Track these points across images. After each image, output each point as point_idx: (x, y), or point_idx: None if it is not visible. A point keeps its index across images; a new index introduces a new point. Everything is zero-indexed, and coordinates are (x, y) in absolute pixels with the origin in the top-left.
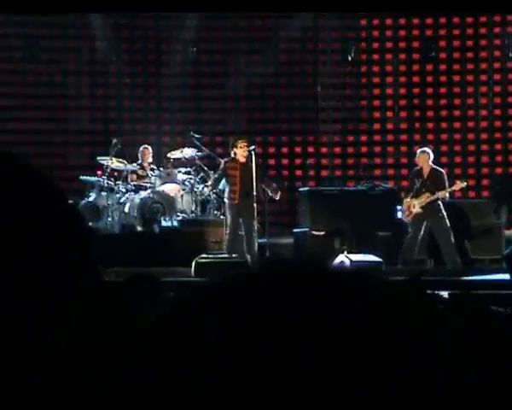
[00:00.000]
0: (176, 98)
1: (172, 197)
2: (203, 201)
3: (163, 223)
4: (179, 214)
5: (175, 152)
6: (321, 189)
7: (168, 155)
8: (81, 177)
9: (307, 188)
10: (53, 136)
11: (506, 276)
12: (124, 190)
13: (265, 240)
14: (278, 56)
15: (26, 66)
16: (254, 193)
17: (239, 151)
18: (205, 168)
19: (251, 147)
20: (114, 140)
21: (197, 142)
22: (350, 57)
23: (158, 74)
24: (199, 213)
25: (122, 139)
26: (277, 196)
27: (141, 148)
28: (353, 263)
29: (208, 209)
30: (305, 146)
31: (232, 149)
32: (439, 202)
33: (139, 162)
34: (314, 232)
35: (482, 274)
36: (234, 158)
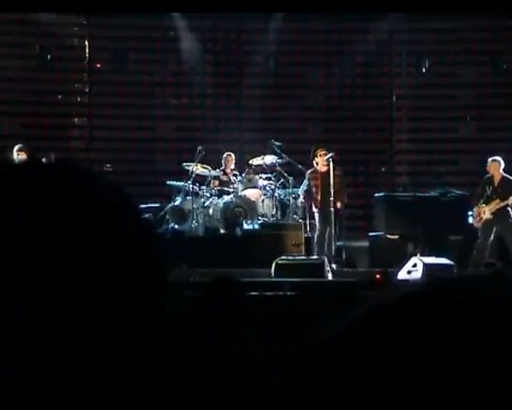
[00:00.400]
0: (257, 108)
1: (254, 202)
2: (283, 205)
3: (245, 226)
4: (260, 218)
5: (256, 159)
6: (395, 195)
7: (250, 162)
8: (168, 182)
9: (382, 194)
10: (142, 143)
11: None
12: (208, 195)
13: (342, 243)
14: (355, 69)
15: (116, 77)
16: (331, 198)
17: (319, 160)
18: (285, 174)
19: (328, 155)
20: (199, 147)
21: (277, 149)
22: (423, 70)
23: (240, 85)
24: (279, 216)
25: (206, 147)
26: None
27: (224, 155)
28: (426, 265)
29: (287, 213)
30: (381, 154)
31: (313, 159)
32: (509, 209)
33: (222, 168)
34: (389, 236)
35: None
36: (315, 168)
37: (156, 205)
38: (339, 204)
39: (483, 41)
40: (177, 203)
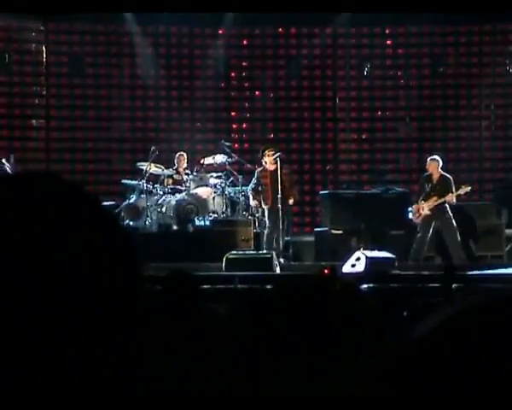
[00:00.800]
0: (208, 109)
1: (205, 199)
2: (233, 202)
3: (196, 222)
4: (211, 215)
5: (207, 158)
6: (339, 192)
7: (201, 161)
8: (123, 181)
9: (327, 191)
10: (98, 143)
11: (507, 270)
12: (161, 193)
13: (289, 238)
14: (301, 71)
15: (73, 80)
16: (279, 196)
17: (268, 159)
18: (234, 173)
19: (276, 154)
20: (153, 147)
21: (227, 149)
22: (365, 72)
23: (191, 88)
24: (229, 213)
25: (159, 147)
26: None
27: (176, 154)
28: (369, 259)
29: (237, 210)
30: (325, 153)
31: (262, 159)
32: (446, 205)
33: (175, 168)
34: (333, 231)
35: (485, 269)
36: (264, 167)
37: (112, 203)
38: (291, 201)
39: (422, 45)
40: (132, 201)
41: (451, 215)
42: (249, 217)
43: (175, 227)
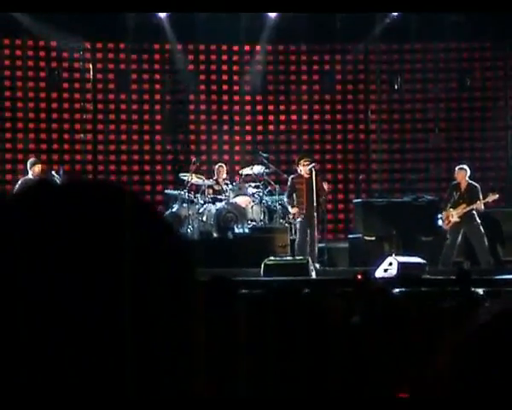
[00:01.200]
0: (246, 122)
1: (244, 208)
2: (270, 211)
3: (236, 230)
4: (250, 223)
5: (246, 169)
6: (372, 200)
7: (240, 172)
8: (166, 191)
9: (360, 200)
10: (142, 155)
11: None
12: (202, 202)
13: (324, 245)
14: (334, 86)
15: (118, 95)
16: (315, 204)
17: (303, 168)
18: (271, 182)
19: (311, 164)
20: (194, 159)
21: (264, 160)
22: (396, 86)
23: (230, 102)
24: (267, 221)
25: (200, 158)
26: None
27: (216, 166)
28: (401, 264)
29: (275, 218)
30: (358, 163)
31: (298, 167)
32: (474, 212)
33: (215, 178)
34: (366, 238)
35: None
36: (299, 174)
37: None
38: (321, 199)
39: (450, 60)
40: (175, 210)
41: (479, 222)
42: (286, 224)
43: (215, 235)
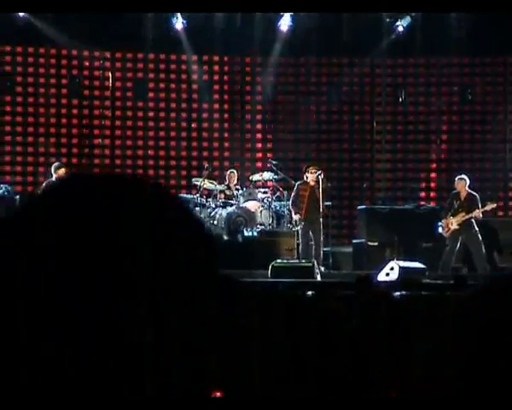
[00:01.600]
0: (256, 131)
1: (253, 212)
2: (278, 215)
3: (245, 233)
4: (258, 226)
5: (255, 175)
6: (375, 207)
7: (250, 178)
8: (179, 195)
9: (364, 206)
10: (157, 161)
11: None
12: (213, 206)
13: (329, 249)
14: (341, 97)
15: (136, 103)
16: (321, 210)
17: (310, 176)
18: (280, 189)
19: (318, 172)
20: (206, 165)
21: (274, 167)
22: (400, 99)
23: (242, 111)
24: (275, 225)
25: (212, 164)
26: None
27: (228, 171)
28: (402, 268)
29: (282, 222)
30: (363, 172)
31: (305, 174)
32: (473, 220)
33: (226, 183)
34: (369, 243)
35: None
36: (305, 181)
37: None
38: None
39: (452, 75)
40: None
41: (477, 230)
42: (293, 229)
43: (225, 237)
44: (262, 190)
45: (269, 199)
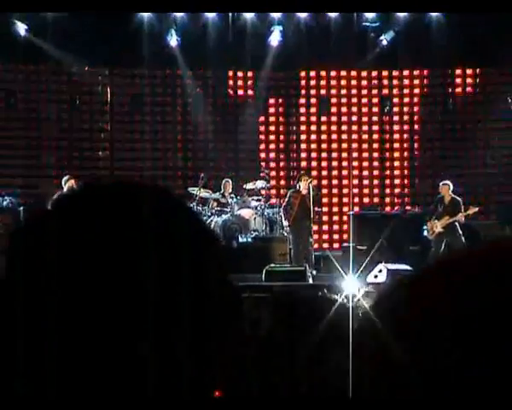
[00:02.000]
0: (249, 141)
1: (247, 219)
2: (271, 222)
3: (240, 239)
4: (252, 233)
5: (249, 184)
6: (364, 213)
7: (244, 186)
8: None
9: (353, 212)
10: (155, 171)
11: None
12: (209, 214)
13: (320, 253)
14: (330, 108)
15: (133, 117)
16: (311, 216)
17: (302, 184)
18: (272, 196)
19: (309, 180)
20: (202, 175)
21: (266, 176)
22: (386, 109)
23: (235, 123)
24: (268, 231)
25: (208, 174)
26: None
27: (223, 181)
28: (390, 271)
29: (275, 228)
30: (351, 179)
31: (298, 183)
32: (456, 224)
33: (221, 192)
34: (359, 247)
35: None
36: (297, 190)
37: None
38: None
39: (434, 86)
40: None
41: (461, 232)
42: (285, 234)
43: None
44: (255, 198)
45: (262, 206)
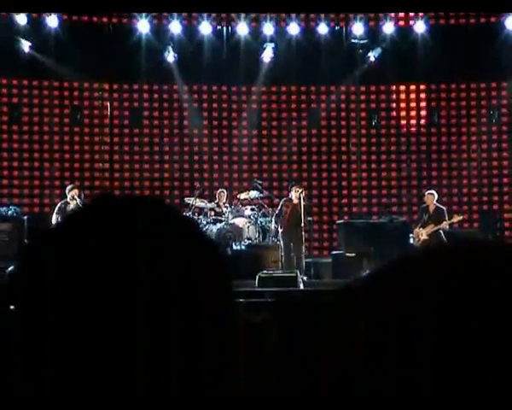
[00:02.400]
0: (243, 153)
1: (241, 228)
2: (264, 230)
3: (234, 247)
4: (246, 240)
5: (243, 194)
6: (352, 221)
7: (238, 196)
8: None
9: (342, 221)
10: (153, 182)
11: None
12: (204, 223)
13: (311, 260)
14: (320, 122)
15: (133, 130)
16: (302, 225)
17: (294, 194)
18: (265, 206)
19: (300, 190)
20: (197, 185)
21: (259, 186)
22: (373, 123)
23: (229, 135)
24: (261, 239)
25: (203, 184)
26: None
27: (218, 191)
28: None
29: (268, 236)
30: (341, 189)
31: (290, 192)
32: (441, 231)
33: (216, 202)
34: (347, 254)
35: None
36: (289, 199)
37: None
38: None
39: (420, 100)
40: None
41: (445, 240)
42: (277, 242)
43: None
44: (249, 208)
45: (255, 215)
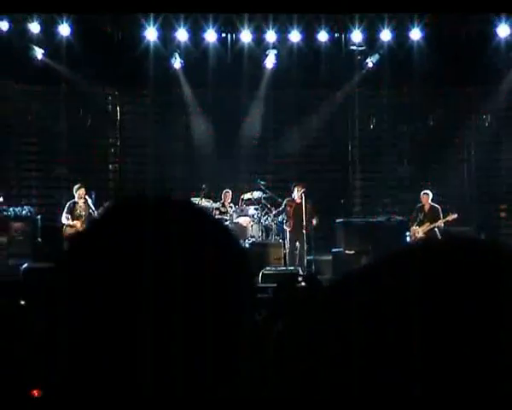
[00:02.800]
0: (248, 155)
1: (245, 227)
2: (267, 229)
3: None
4: (250, 239)
5: (247, 194)
6: (352, 220)
7: (242, 196)
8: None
9: (342, 220)
10: (160, 183)
11: None
12: None
13: (312, 257)
14: (321, 125)
15: (141, 132)
16: (304, 223)
17: (296, 193)
18: (268, 206)
19: (302, 190)
20: (203, 185)
21: (262, 187)
22: (371, 125)
23: (235, 138)
24: (264, 237)
25: (209, 185)
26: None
27: (223, 191)
28: None
29: (271, 235)
30: (341, 190)
31: (292, 192)
32: (436, 230)
33: (221, 202)
34: (347, 252)
35: None
36: (292, 199)
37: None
38: (314, 221)
39: (416, 104)
40: None
41: (440, 237)
42: (280, 240)
43: None
44: (252, 207)
45: (258, 215)
